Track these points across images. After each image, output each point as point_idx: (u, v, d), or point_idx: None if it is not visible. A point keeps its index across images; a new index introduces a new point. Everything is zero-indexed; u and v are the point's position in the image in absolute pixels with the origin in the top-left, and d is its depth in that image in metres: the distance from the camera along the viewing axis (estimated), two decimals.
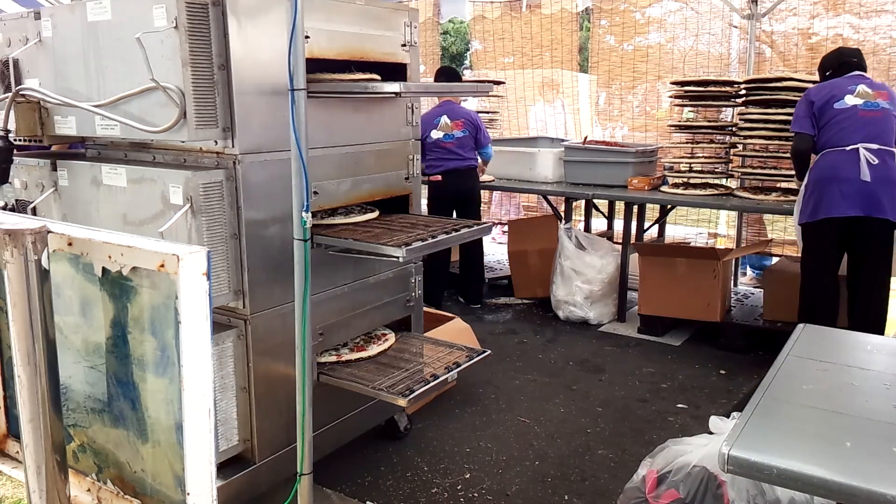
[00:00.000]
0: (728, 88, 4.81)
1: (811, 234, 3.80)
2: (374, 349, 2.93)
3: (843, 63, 3.86)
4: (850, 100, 3.69)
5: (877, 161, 3.56)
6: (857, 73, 3.80)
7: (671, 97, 5.20)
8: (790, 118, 4.22)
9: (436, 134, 4.99)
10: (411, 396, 2.55)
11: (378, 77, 2.69)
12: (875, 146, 3.60)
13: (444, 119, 5.02)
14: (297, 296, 2.22)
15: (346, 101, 2.74)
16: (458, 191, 5.07)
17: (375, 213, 2.92)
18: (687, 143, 4.99)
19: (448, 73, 5.22)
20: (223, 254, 2.36)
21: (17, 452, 1.57)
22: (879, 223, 3.61)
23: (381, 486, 2.94)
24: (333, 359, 2.81)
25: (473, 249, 5.36)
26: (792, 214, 4.17)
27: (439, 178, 5.04)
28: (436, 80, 5.21)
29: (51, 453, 1.18)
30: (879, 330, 3.72)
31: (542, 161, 5.41)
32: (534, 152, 5.48)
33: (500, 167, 5.59)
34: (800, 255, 3.98)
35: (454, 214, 5.09)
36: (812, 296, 3.87)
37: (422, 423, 3.45)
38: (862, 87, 3.70)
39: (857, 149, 3.60)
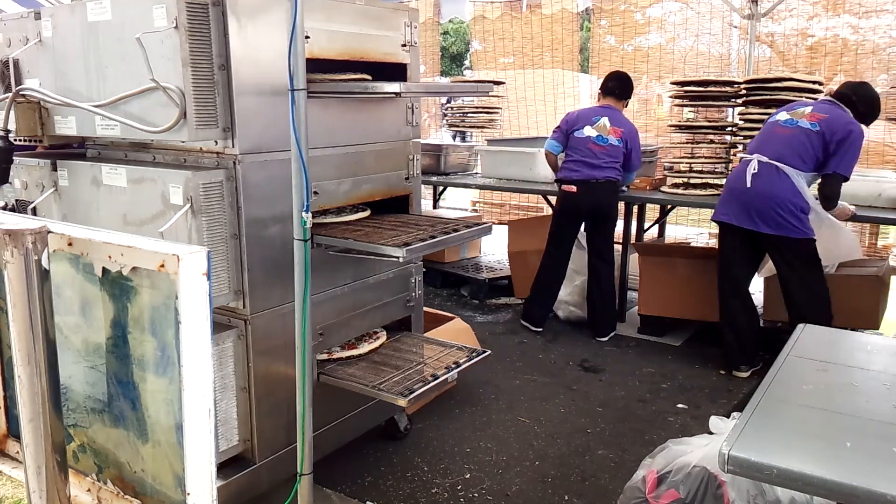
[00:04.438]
0: (728, 88, 4.81)
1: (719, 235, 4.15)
2: (365, 347, 2.94)
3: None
4: (779, 116, 3.90)
5: (756, 170, 3.74)
6: (827, 99, 3.88)
7: (671, 97, 5.20)
8: None
9: (589, 131, 4.45)
10: (411, 396, 2.55)
11: (369, 77, 2.68)
12: (766, 159, 3.74)
13: (605, 121, 4.48)
14: (297, 296, 2.22)
15: (346, 101, 2.74)
16: (594, 204, 4.50)
17: (367, 213, 2.92)
18: (687, 143, 4.99)
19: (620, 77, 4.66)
20: (223, 254, 2.36)
21: (17, 452, 1.57)
22: (759, 235, 3.78)
23: (381, 486, 2.94)
24: (325, 356, 2.81)
25: (603, 272, 4.66)
26: None
27: (573, 188, 4.47)
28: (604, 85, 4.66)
29: (51, 453, 1.18)
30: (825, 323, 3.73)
31: (542, 161, 5.41)
32: (534, 152, 5.48)
33: (501, 167, 5.59)
34: None
35: (582, 229, 4.68)
36: (720, 302, 4.12)
37: (422, 423, 3.45)
38: (802, 109, 3.81)
39: (753, 159, 3.80)
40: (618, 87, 4.57)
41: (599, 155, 4.43)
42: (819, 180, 3.75)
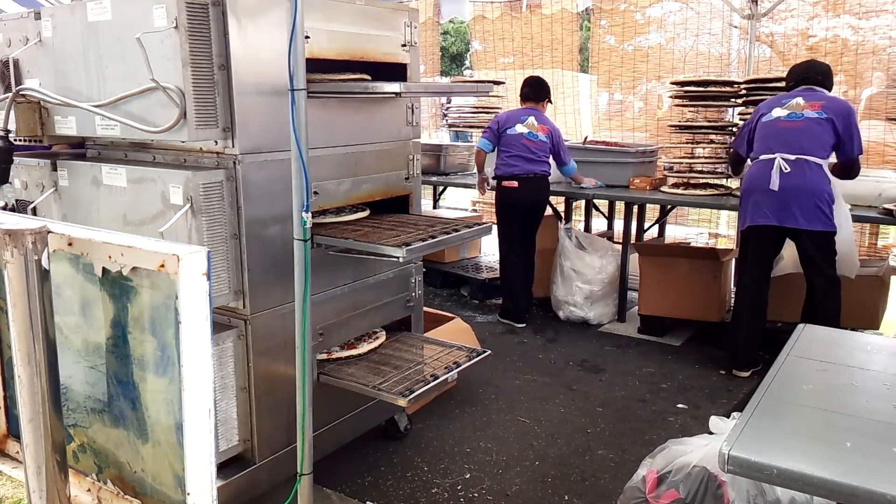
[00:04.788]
0: (728, 88, 4.81)
1: (743, 241, 4.01)
2: (364, 347, 2.94)
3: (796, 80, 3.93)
4: (776, 112, 3.81)
5: (789, 169, 3.67)
6: (804, 87, 3.86)
7: (671, 97, 5.20)
8: None
9: (521, 128, 4.76)
10: (411, 396, 2.55)
11: (369, 77, 2.68)
12: (792, 156, 3.69)
13: (532, 119, 4.80)
14: (297, 296, 2.22)
15: (346, 101, 2.74)
16: (532, 198, 4.84)
17: (366, 213, 2.92)
18: (687, 143, 4.99)
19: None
20: (223, 254, 2.36)
21: (17, 452, 1.57)
22: (805, 233, 3.72)
23: (381, 486, 2.94)
24: (324, 356, 2.81)
25: (531, 262, 5.04)
26: None
27: (515, 184, 4.74)
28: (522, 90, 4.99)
29: (51, 453, 1.18)
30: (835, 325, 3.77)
31: None
32: None
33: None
34: None
35: (522, 225, 4.89)
36: (737, 297, 4.09)
37: (422, 423, 3.45)
38: (795, 101, 3.78)
39: (775, 158, 3.72)
40: (531, 92, 4.92)
41: (533, 150, 4.75)
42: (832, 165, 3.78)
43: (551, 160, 4.87)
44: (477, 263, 6.10)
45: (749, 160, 3.98)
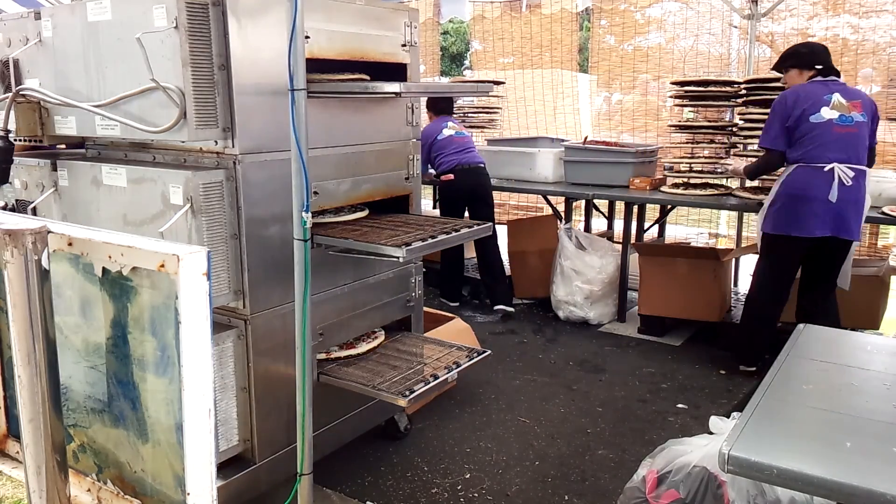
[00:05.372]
0: (728, 88, 4.81)
1: (778, 246, 3.79)
2: (363, 346, 2.94)
3: (818, 65, 3.76)
4: (826, 113, 3.62)
5: (850, 182, 3.57)
6: (831, 78, 3.73)
7: (671, 97, 5.20)
8: None
9: (447, 132, 5.16)
10: (411, 396, 2.55)
11: (367, 77, 2.68)
12: (850, 166, 3.59)
13: (452, 123, 5.25)
14: (297, 296, 2.22)
15: (346, 101, 2.74)
16: (472, 188, 5.10)
17: (365, 212, 2.92)
18: (687, 143, 4.99)
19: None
20: (223, 254, 2.36)
21: (17, 452, 1.57)
22: (844, 242, 3.67)
23: (381, 486, 2.94)
24: (323, 356, 2.81)
25: (490, 251, 5.25)
26: None
27: (451, 176, 5.06)
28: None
29: (51, 453, 1.18)
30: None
31: (542, 161, 5.41)
32: (533, 152, 5.48)
33: (500, 167, 5.59)
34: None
35: (466, 215, 5.13)
36: (760, 303, 3.96)
37: (422, 423, 3.45)
38: (837, 98, 3.63)
39: (833, 168, 3.57)
40: (447, 106, 5.39)
41: (463, 143, 5.16)
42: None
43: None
44: (477, 264, 6.09)
45: (789, 162, 3.73)
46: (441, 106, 5.38)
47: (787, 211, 3.69)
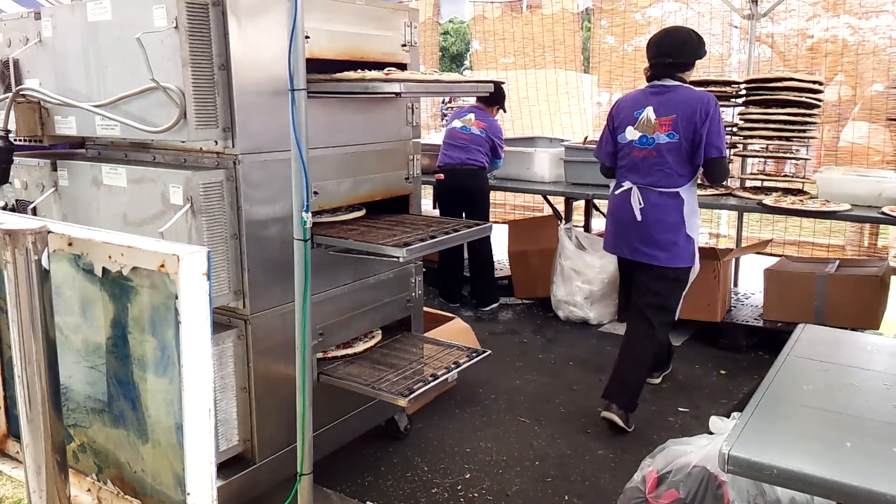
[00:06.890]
0: (728, 88, 4.81)
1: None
2: (360, 346, 2.94)
3: (651, 59, 3.44)
4: (629, 133, 3.38)
5: (643, 204, 3.33)
6: (660, 83, 3.38)
7: None
8: (790, 118, 4.22)
9: (456, 123, 5.12)
10: (411, 396, 2.55)
11: (379, 74, 2.68)
12: (652, 189, 3.32)
13: (472, 115, 5.13)
14: (297, 296, 2.22)
15: (346, 101, 2.74)
16: (455, 190, 5.10)
17: (362, 212, 2.92)
18: None
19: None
20: (223, 254, 2.36)
21: (17, 452, 1.57)
22: (648, 267, 3.40)
23: (381, 486, 2.94)
24: (320, 355, 2.81)
25: (480, 251, 5.31)
26: (793, 215, 4.26)
27: (442, 176, 5.08)
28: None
29: (51, 453, 1.18)
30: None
31: (539, 161, 5.41)
32: (534, 152, 5.48)
33: (501, 167, 5.58)
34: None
35: (463, 216, 5.10)
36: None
37: (422, 423, 3.45)
38: (646, 115, 3.32)
39: (632, 189, 3.36)
40: (487, 97, 4.96)
41: (461, 139, 5.08)
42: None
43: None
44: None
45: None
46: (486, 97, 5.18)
47: (608, 229, 3.64)
